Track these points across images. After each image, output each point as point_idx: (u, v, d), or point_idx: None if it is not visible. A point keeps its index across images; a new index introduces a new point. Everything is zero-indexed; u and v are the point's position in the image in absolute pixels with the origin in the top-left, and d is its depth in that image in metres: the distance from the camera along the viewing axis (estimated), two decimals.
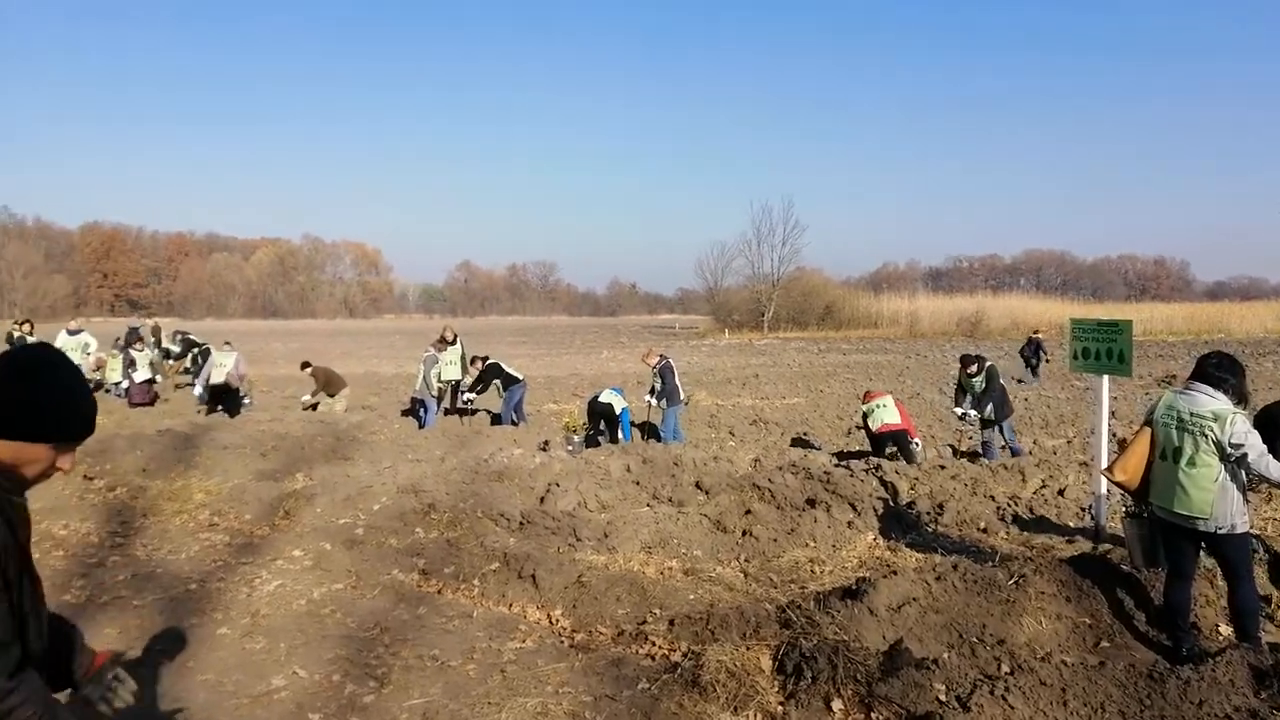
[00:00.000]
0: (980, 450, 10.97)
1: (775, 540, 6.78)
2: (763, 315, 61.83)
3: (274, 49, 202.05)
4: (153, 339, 21.38)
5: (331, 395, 15.48)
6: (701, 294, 78.70)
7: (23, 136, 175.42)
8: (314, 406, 15.52)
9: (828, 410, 15.88)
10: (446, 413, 14.67)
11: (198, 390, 15.70)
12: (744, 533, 6.92)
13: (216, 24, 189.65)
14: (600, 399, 12.16)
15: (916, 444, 10.59)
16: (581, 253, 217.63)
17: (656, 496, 8.08)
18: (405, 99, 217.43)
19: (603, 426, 12.19)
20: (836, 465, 9.58)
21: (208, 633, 4.84)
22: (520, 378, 14.03)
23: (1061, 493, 8.21)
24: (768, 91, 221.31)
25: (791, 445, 12.10)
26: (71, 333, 17.21)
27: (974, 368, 10.76)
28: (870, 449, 10.72)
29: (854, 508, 7.55)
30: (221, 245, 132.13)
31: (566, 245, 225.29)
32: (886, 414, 10.40)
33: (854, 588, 5.17)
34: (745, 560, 6.46)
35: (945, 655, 4.30)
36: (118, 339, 19.67)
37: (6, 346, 18.73)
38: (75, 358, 16.59)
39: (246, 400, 16.43)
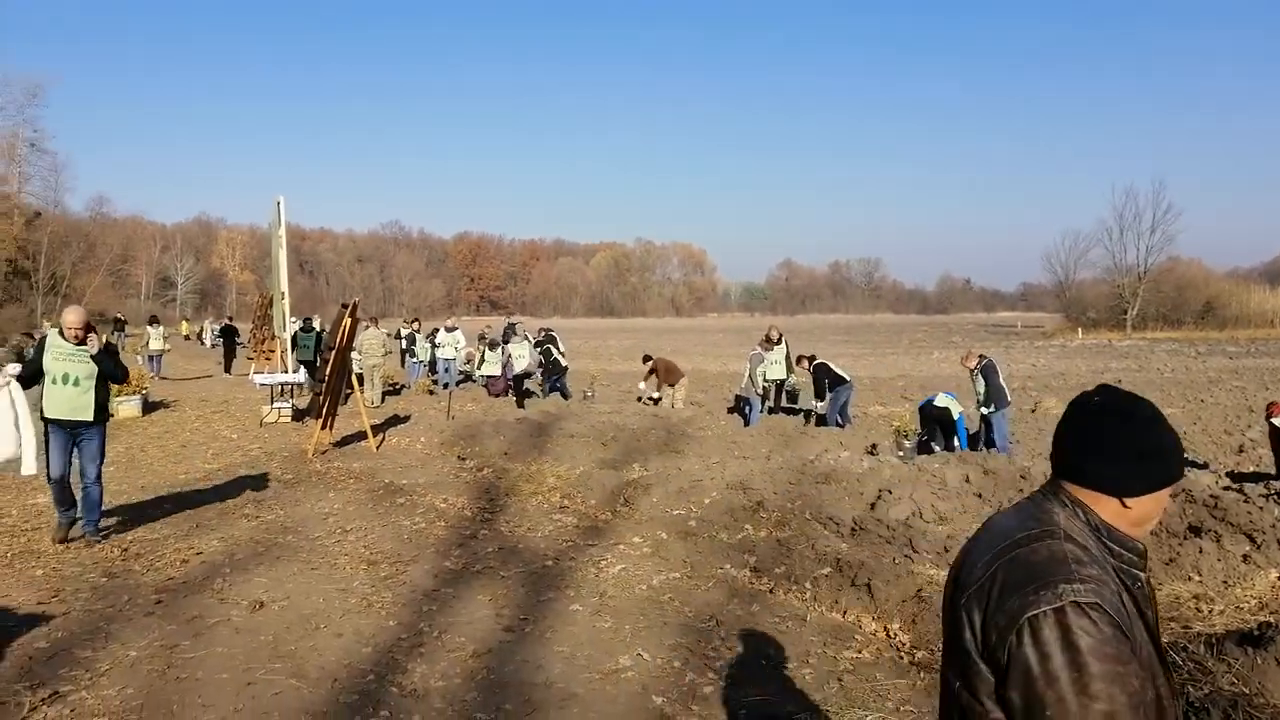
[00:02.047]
0: None
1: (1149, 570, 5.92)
2: (1125, 312, 55.04)
3: (605, 73, 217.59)
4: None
5: (672, 385, 16.22)
6: (1049, 289, 72.30)
7: (410, 162, 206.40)
8: (655, 400, 16.35)
9: (1211, 423, 13.69)
10: (771, 411, 14.76)
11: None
12: None
13: (546, 61, 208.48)
14: (935, 403, 11.49)
15: None
16: (909, 247, 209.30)
17: (1002, 512, 7.44)
18: (730, 105, 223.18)
19: (937, 432, 11.51)
20: (1225, 488, 8.19)
21: (562, 607, 5.24)
22: (847, 378, 13.70)
23: None
24: (1127, 61, 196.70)
25: None
26: (449, 330, 19.71)
27: None
28: (1276, 472, 9.05)
29: (1251, 539, 6.39)
30: (566, 250, 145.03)
31: (893, 240, 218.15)
32: None
33: (1256, 633, 4.35)
34: None
35: None
36: (481, 334, 22.18)
37: (399, 340, 22.00)
38: (449, 352, 19.07)
39: (589, 393, 17.81)
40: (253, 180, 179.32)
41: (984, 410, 11.05)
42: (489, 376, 18.18)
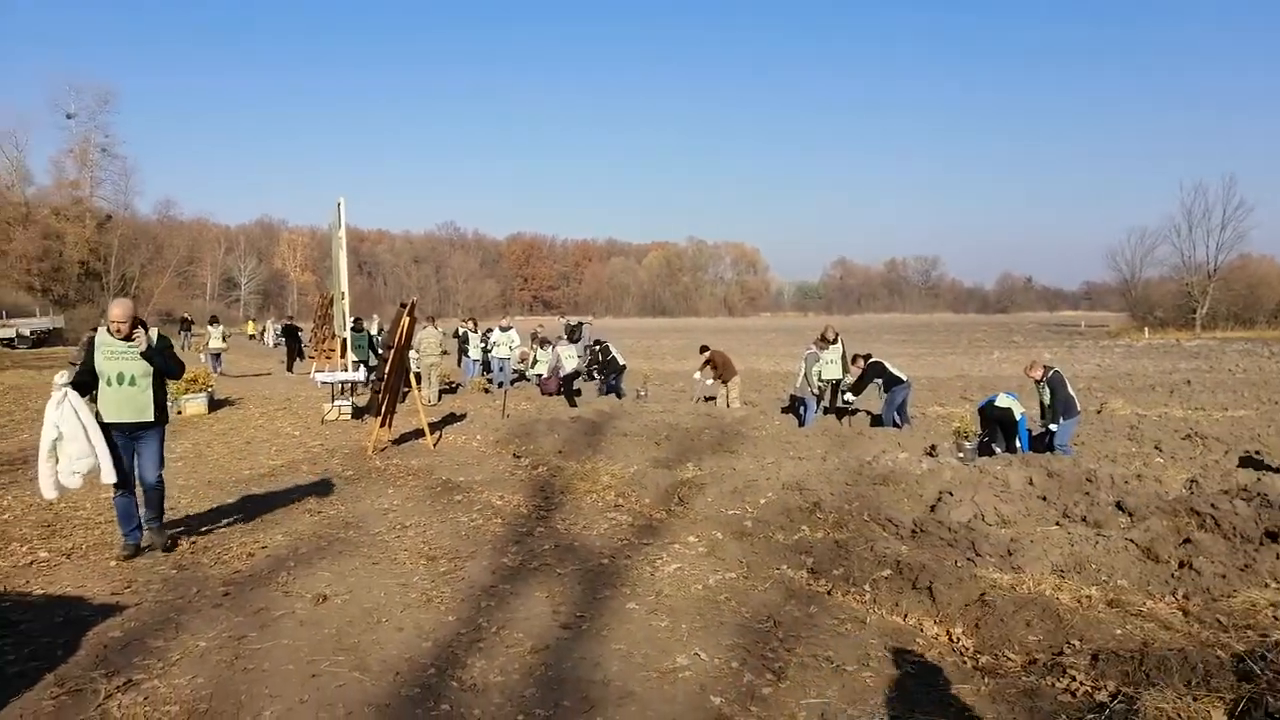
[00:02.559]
0: None
1: (1224, 577, 5.71)
2: (1194, 312, 53.34)
3: (656, 72, 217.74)
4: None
5: (725, 381, 16.18)
6: (1114, 287, 70.39)
7: (465, 164, 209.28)
8: (710, 399, 16.29)
9: None
10: (826, 411, 14.60)
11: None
12: (1181, 564, 5.93)
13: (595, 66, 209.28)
14: (996, 403, 11.23)
15: None
16: (967, 245, 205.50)
17: (1068, 515, 7.25)
18: (783, 104, 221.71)
19: (998, 434, 11.24)
20: None
21: (618, 605, 5.25)
22: (904, 378, 13.49)
23: None
24: (1192, 57, 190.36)
25: (1239, 466, 10.20)
26: (503, 329, 19.91)
27: None
28: None
29: None
30: (618, 250, 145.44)
31: (950, 237, 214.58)
32: None
33: None
34: (1184, 597, 5.53)
35: None
36: (534, 333, 22.36)
37: (456, 339, 22.31)
38: (503, 351, 19.26)
39: (642, 393, 17.83)
40: (313, 183, 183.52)
41: (1051, 426, 10.63)
42: (541, 375, 18.37)
